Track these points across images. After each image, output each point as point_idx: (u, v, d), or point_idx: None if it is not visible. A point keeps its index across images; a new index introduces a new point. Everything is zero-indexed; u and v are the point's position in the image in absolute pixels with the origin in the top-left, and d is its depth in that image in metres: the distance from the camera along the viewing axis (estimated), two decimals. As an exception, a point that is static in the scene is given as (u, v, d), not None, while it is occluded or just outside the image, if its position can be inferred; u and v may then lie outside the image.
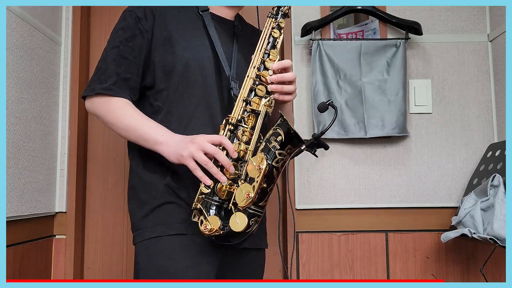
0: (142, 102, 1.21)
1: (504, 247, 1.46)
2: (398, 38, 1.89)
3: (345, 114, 1.85)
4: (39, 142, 1.76)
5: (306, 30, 1.89)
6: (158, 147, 1.11)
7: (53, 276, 1.87)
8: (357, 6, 1.88)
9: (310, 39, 1.89)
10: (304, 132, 1.91)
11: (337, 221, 1.89)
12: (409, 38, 1.90)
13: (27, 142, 1.67)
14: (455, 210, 1.82)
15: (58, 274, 1.87)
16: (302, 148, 1.09)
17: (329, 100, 1.12)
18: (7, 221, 1.52)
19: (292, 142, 1.08)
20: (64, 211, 1.89)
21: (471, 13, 1.97)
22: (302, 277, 1.86)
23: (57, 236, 1.89)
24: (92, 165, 2.00)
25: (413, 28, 1.87)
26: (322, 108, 1.13)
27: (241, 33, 1.31)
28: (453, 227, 1.71)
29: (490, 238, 1.50)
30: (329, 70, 1.87)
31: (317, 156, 1.09)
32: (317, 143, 1.07)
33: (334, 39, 1.91)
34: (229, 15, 1.30)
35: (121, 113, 1.14)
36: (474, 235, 1.56)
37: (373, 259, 1.88)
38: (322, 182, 1.90)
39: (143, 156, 1.18)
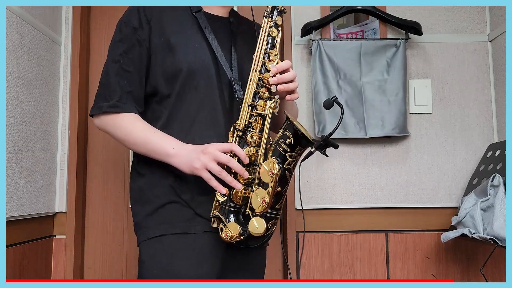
0: (145, 109, 1.21)
1: (504, 247, 1.46)
2: (398, 38, 1.89)
3: (345, 114, 1.85)
4: (39, 142, 1.76)
5: (306, 30, 1.89)
6: (170, 159, 1.11)
7: (53, 276, 1.87)
8: (357, 6, 1.88)
9: (310, 39, 1.89)
10: (304, 132, 1.91)
11: (337, 221, 1.89)
12: (409, 38, 1.90)
13: (27, 142, 1.67)
14: (455, 210, 1.82)
15: (58, 274, 1.87)
16: (312, 150, 1.10)
17: (334, 97, 1.12)
18: (7, 221, 1.52)
19: (301, 143, 1.09)
20: (64, 211, 1.89)
21: (471, 13, 1.97)
22: (302, 277, 1.86)
23: (57, 236, 1.89)
24: (92, 165, 2.00)
25: (413, 28, 1.87)
26: (328, 105, 1.13)
27: (238, 29, 1.29)
28: (453, 227, 1.71)
29: (490, 238, 1.50)
30: (329, 70, 1.87)
31: (327, 156, 1.10)
32: (325, 144, 1.07)
33: (334, 39, 1.91)
34: (222, 12, 1.28)
35: (130, 129, 1.15)
36: (474, 235, 1.56)
37: (373, 259, 1.88)
38: (322, 182, 1.90)
39: (147, 157, 1.18)
